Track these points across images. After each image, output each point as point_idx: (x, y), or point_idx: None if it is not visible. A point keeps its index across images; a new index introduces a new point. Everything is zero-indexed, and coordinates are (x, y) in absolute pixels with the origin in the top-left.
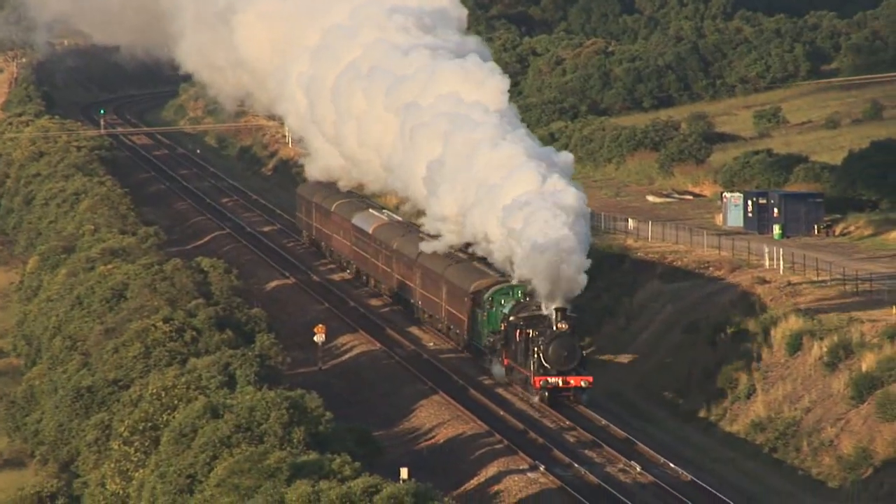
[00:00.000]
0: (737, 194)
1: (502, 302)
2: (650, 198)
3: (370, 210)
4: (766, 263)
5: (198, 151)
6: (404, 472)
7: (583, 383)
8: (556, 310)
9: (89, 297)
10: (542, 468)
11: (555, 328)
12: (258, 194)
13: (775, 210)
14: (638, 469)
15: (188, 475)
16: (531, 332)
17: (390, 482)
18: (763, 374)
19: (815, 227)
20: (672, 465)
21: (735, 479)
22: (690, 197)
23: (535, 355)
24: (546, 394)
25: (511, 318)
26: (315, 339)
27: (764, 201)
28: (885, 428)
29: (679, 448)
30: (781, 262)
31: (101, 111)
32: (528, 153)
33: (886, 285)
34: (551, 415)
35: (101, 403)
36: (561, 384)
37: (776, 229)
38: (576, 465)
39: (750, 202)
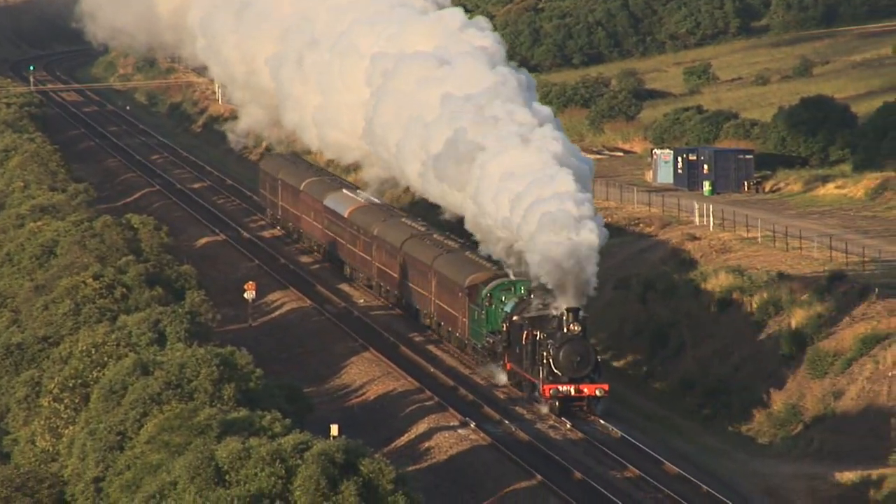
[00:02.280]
0: (667, 151)
1: (503, 299)
2: None
3: (344, 190)
4: (697, 220)
5: (128, 108)
6: (334, 429)
7: (598, 392)
8: (568, 310)
9: (19, 254)
10: (472, 425)
11: (566, 330)
12: (188, 151)
13: (705, 167)
14: (568, 426)
15: (118, 432)
16: (539, 334)
17: (321, 439)
18: (693, 330)
19: (745, 183)
20: (602, 421)
21: (666, 435)
22: (621, 153)
23: (544, 361)
24: (556, 403)
25: (514, 318)
26: (245, 295)
27: (694, 158)
28: (815, 385)
29: (609, 405)
30: (711, 219)
31: (31, 67)
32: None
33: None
34: (482, 373)
35: (30, 360)
36: (573, 393)
37: (706, 186)
38: (506, 422)
39: (680, 159)
